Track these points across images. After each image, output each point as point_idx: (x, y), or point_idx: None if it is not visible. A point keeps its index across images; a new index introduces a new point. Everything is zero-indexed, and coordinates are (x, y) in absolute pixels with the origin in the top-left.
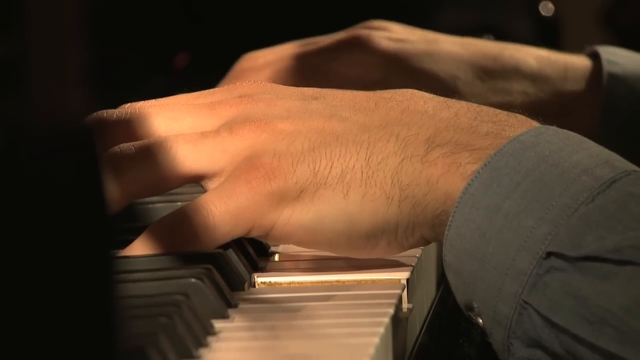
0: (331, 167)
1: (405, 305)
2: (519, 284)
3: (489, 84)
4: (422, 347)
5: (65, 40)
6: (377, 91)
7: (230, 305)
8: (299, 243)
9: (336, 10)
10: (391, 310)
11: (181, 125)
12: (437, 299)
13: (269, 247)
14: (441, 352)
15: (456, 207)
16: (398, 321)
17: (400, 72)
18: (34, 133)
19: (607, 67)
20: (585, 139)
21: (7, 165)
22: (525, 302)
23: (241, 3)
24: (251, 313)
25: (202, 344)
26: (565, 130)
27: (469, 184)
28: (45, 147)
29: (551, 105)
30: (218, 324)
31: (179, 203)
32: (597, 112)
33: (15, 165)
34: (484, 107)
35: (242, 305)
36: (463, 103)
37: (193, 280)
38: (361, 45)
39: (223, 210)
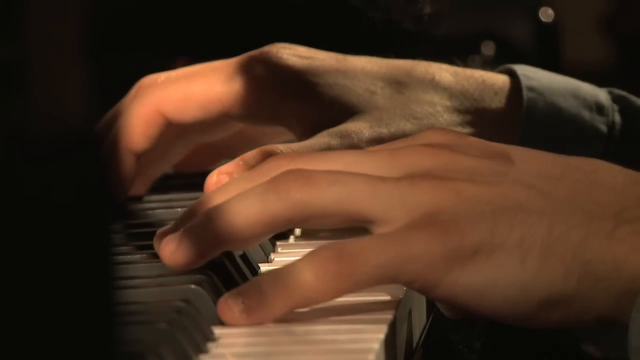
0: (510, 231)
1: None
2: None
3: (408, 95)
4: (423, 348)
5: (66, 44)
6: (565, 157)
7: None
8: (463, 306)
9: (337, 14)
10: (391, 317)
11: (361, 170)
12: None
13: (269, 254)
14: (442, 355)
15: None
16: (397, 325)
17: (312, 88)
18: (34, 137)
19: (524, 81)
20: None
21: (7, 169)
22: None
23: (240, 9)
24: None
25: (202, 350)
26: None
27: None
28: (46, 151)
29: (473, 120)
30: (218, 330)
31: (178, 210)
32: (518, 127)
33: (16, 170)
34: None
35: None
36: None
37: (193, 286)
38: (270, 62)
39: (393, 254)
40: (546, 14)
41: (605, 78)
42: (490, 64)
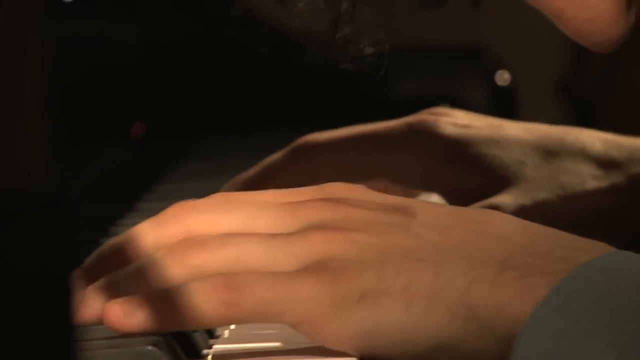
0: (397, 277)
1: None
2: None
3: (556, 166)
4: None
5: (25, 111)
6: (461, 208)
7: None
8: (353, 350)
9: (303, 81)
10: None
11: (258, 224)
12: None
13: None
14: None
15: (522, 331)
16: None
17: (466, 158)
18: None
19: None
20: None
21: None
22: None
23: (200, 72)
24: None
25: None
26: None
27: (537, 309)
28: (8, 217)
29: (621, 189)
30: None
31: None
32: None
33: None
34: (562, 233)
35: None
36: (541, 227)
37: (150, 347)
38: (427, 130)
39: (280, 292)
40: (502, 78)
41: None
42: None
